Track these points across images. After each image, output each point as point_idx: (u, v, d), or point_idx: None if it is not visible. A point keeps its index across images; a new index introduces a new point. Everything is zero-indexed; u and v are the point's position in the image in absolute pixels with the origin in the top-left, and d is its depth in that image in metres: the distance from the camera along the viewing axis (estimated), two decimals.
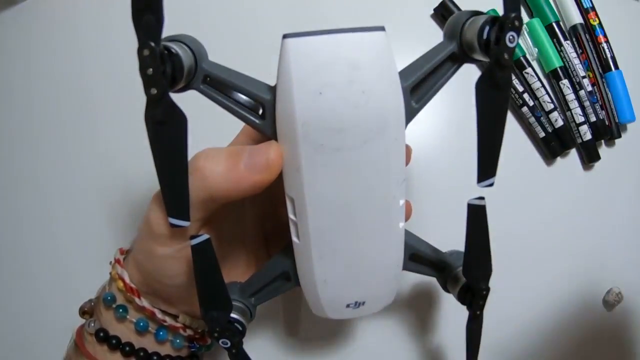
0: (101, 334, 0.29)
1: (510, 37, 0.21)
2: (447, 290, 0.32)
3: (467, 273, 0.28)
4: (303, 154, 0.23)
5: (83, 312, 0.31)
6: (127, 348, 0.29)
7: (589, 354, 0.43)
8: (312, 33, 0.22)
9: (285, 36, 0.22)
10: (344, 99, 0.22)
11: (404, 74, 0.24)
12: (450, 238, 0.31)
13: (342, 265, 0.26)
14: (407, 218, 0.32)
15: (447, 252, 0.32)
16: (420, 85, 0.25)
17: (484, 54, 0.23)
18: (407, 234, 0.29)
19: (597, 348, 0.43)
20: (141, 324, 0.29)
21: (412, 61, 0.25)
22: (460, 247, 0.28)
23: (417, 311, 0.42)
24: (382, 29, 0.23)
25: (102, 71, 0.44)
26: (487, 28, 0.22)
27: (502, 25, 0.21)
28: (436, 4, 0.45)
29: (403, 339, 0.42)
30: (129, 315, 0.29)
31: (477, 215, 0.26)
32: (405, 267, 0.30)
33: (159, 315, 0.29)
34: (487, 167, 0.25)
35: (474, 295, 0.29)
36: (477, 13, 0.24)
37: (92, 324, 0.30)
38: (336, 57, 0.22)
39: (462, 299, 0.30)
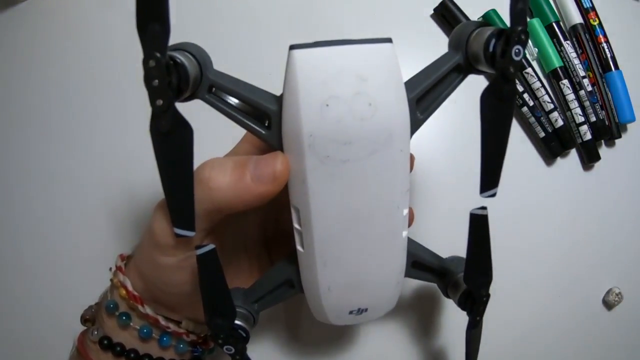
0: (105, 342, 0.29)
1: (516, 51, 0.21)
2: (447, 296, 0.32)
3: (468, 280, 0.28)
4: (309, 165, 0.23)
5: (85, 320, 0.31)
6: (132, 354, 0.29)
7: (589, 354, 0.43)
8: (319, 44, 0.22)
9: (292, 47, 0.22)
10: (350, 111, 0.22)
11: (409, 85, 0.24)
12: (451, 244, 0.31)
13: (345, 273, 0.26)
14: (409, 225, 0.32)
15: (448, 258, 0.32)
16: (425, 96, 0.25)
17: (489, 66, 0.23)
18: (409, 241, 0.29)
19: (597, 348, 0.43)
20: (145, 330, 0.29)
21: (417, 72, 0.25)
22: (461, 252, 0.28)
23: (418, 316, 0.42)
24: (389, 40, 0.23)
25: (104, 73, 0.44)
26: (493, 40, 0.22)
27: (508, 38, 0.21)
28: (436, 4, 0.45)
29: (404, 343, 0.42)
30: (132, 322, 0.29)
31: (479, 225, 0.26)
32: (407, 274, 0.30)
33: (163, 322, 0.29)
34: (490, 178, 0.25)
35: (474, 301, 0.29)
36: (483, 24, 0.24)
37: (96, 332, 0.30)
38: (343, 69, 0.22)
39: (462, 305, 0.30)
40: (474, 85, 0.26)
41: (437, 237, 0.35)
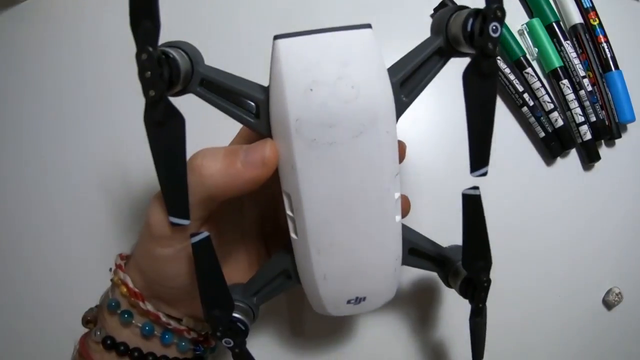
0: (108, 342, 0.29)
1: (494, 27, 0.22)
2: (448, 285, 0.32)
3: (467, 265, 0.28)
4: (297, 150, 0.24)
5: (87, 322, 0.31)
6: (136, 353, 0.29)
7: (589, 354, 0.43)
8: (302, 33, 0.23)
9: (276, 37, 0.23)
10: (334, 95, 0.23)
11: (392, 69, 0.25)
12: (450, 234, 0.31)
13: (340, 259, 0.27)
14: (405, 213, 0.32)
15: (447, 247, 0.32)
16: (409, 79, 0.26)
17: (469, 46, 0.23)
18: (406, 229, 0.29)
19: (597, 348, 0.43)
20: (147, 328, 0.29)
21: (401, 57, 0.26)
22: (460, 243, 0.28)
23: (419, 306, 0.42)
24: (368, 26, 0.24)
25: (102, 71, 0.44)
26: (470, 20, 0.23)
27: (484, 16, 0.22)
28: (436, 4, 0.45)
29: (405, 335, 0.42)
30: (134, 320, 0.29)
31: (472, 206, 0.26)
32: (405, 262, 0.30)
33: (163, 318, 0.29)
34: (479, 157, 0.25)
35: (475, 287, 0.29)
36: (461, 8, 0.25)
37: (98, 332, 0.29)
38: (325, 55, 0.23)
39: (463, 292, 0.30)
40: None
41: (435, 228, 0.35)
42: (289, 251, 0.28)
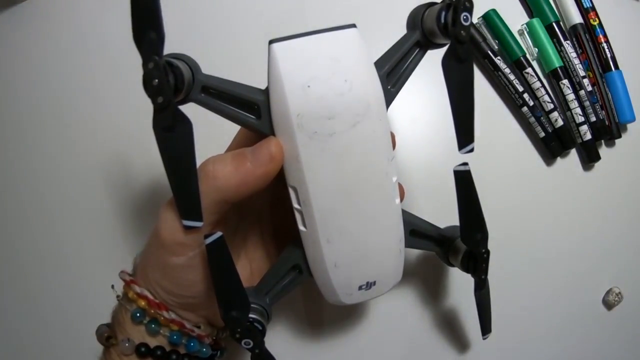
0: (143, 349, 0.28)
1: (464, 17, 0.24)
2: (449, 264, 0.34)
3: (466, 239, 0.30)
4: (300, 143, 0.25)
5: (107, 338, 0.29)
6: (174, 356, 0.29)
7: (588, 354, 0.43)
8: (294, 36, 0.25)
9: (271, 42, 0.25)
10: (329, 88, 0.25)
11: (378, 63, 0.27)
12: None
13: (349, 246, 0.28)
14: (401, 199, 0.33)
15: (444, 228, 0.34)
16: (393, 71, 0.28)
17: (444, 36, 0.26)
18: (405, 212, 0.30)
19: (597, 348, 0.43)
20: (175, 337, 0.29)
21: (383, 53, 0.28)
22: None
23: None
24: (354, 26, 0.25)
25: (103, 72, 0.44)
26: (443, 13, 0.25)
27: (455, 8, 0.24)
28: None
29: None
30: (161, 330, 0.29)
31: (464, 181, 0.28)
32: (408, 244, 0.31)
33: (188, 325, 0.29)
34: (465, 134, 0.27)
35: (476, 260, 0.31)
36: (432, 4, 0.27)
37: (127, 344, 0.29)
38: (318, 54, 0.25)
39: (465, 267, 0.32)
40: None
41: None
42: (298, 246, 0.28)
